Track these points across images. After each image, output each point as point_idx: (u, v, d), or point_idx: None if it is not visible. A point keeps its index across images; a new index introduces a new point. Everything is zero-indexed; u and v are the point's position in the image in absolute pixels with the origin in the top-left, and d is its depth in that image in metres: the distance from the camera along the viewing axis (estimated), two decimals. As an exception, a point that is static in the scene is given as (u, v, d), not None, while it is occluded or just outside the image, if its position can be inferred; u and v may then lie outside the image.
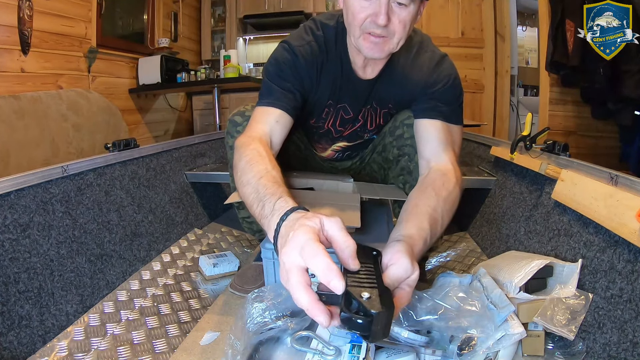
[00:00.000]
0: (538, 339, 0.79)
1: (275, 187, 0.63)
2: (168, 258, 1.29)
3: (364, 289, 0.46)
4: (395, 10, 0.74)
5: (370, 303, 0.44)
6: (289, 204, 0.57)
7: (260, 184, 0.65)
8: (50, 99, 2.08)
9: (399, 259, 0.55)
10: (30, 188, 0.96)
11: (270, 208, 0.58)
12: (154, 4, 3.19)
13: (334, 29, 0.89)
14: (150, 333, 0.90)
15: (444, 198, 0.74)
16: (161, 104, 3.35)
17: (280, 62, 0.87)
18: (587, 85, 2.10)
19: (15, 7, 1.97)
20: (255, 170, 0.69)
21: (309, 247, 0.46)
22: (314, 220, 0.50)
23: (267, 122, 0.84)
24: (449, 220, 0.75)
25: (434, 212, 0.70)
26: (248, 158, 0.73)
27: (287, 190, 0.63)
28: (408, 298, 0.55)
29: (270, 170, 0.69)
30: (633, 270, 0.72)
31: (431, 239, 0.68)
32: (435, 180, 0.78)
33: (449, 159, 0.83)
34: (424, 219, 0.68)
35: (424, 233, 0.65)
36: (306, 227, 0.49)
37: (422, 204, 0.72)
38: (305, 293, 0.45)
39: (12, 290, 0.84)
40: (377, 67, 0.89)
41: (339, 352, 0.68)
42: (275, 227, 0.54)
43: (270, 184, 0.64)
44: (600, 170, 0.89)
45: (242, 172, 0.71)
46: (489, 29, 3.36)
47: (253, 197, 0.64)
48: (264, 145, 0.78)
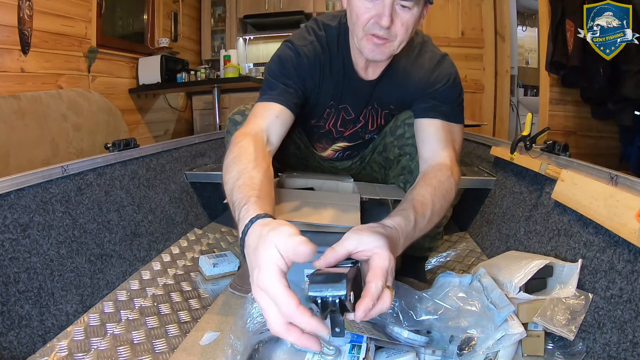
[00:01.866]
0: (538, 339, 0.79)
1: (246, 192, 0.60)
2: (168, 258, 1.29)
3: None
4: (399, 13, 0.74)
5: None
6: (249, 213, 0.54)
7: (235, 187, 0.63)
8: (50, 99, 2.08)
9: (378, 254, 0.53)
10: (30, 188, 0.96)
11: (237, 217, 0.57)
12: (154, 4, 3.19)
13: (336, 29, 0.89)
14: (150, 333, 0.90)
15: (434, 186, 0.73)
16: (161, 104, 3.35)
17: (284, 60, 0.87)
18: (587, 85, 2.10)
19: (15, 7, 1.97)
20: (236, 169, 0.67)
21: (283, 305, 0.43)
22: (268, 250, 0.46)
23: (266, 118, 0.82)
24: (442, 205, 0.73)
25: (422, 198, 0.69)
26: (233, 156, 0.71)
27: (258, 194, 0.60)
28: (389, 294, 0.51)
29: (249, 170, 0.66)
30: (633, 270, 0.72)
31: (422, 223, 0.66)
32: (429, 173, 0.78)
33: (447, 156, 0.82)
34: (408, 208, 0.66)
35: (409, 221, 0.64)
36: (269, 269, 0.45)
37: (410, 194, 0.72)
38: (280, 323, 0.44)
39: (12, 290, 0.84)
40: (378, 69, 0.89)
41: (339, 352, 0.68)
42: (240, 236, 0.53)
43: (243, 188, 0.62)
44: (600, 170, 0.89)
45: (226, 170, 0.69)
46: (489, 29, 3.36)
47: (229, 199, 0.64)
48: (256, 142, 0.75)
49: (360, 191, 0.98)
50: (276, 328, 0.44)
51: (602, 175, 0.88)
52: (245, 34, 3.98)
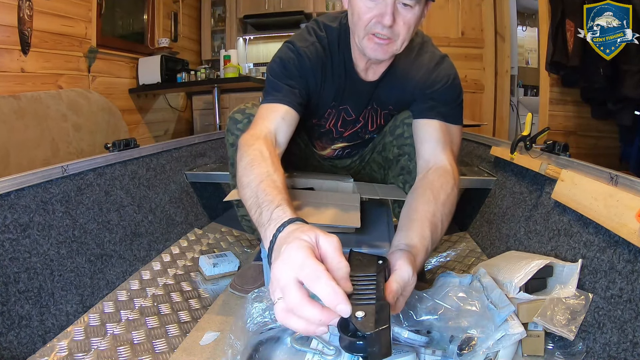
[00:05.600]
0: (538, 339, 0.79)
1: (275, 194, 0.61)
2: (168, 258, 1.29)
3: (360, 307, 0.43)
4: (401, 12, 0.74)
5: (364, 323, 0.41)
6: (286, 213, 0.55)
7: (259, 189, 0.63)
8: (50, 99, 2.08)
9: (401, 265, 0.55)
10: (30, 188, 0.96)
11: (268, 216, 0.56)
12: (154, 4, 3.19)
13: (337, 30, 0.89)
14: (150, 333, 0.90)
15: (443, 202, 0.73)
16: (161, 104, 3.35)
17: (286, 61, 0.87)
18: (587, 85, 2.10)
19: (15, 7, 1.97)
20: (257, 172, 0.67)
21: (309, 268, 0.43)
22: (309, 235, 0.47)
23: (273, 120, 0.82)
24: (447, 224, 0.74)
25: (434, 218, 0.70)
26: (250, 158, 0.70)
27: (287, 198, 0.61)
28: (401, 307, 0.55)
29: (271, 174, 0.66)
30: (633, 270, 0.72)
31: (432, 245, 0.68)
32: (434, 182, 0.77)
33: (447, 158, 0.82)
34: (425, 227, 0.67)
35: (425, 242, 0.65)
36: (300, 242, 0.46)
37: (422, 210, 0.71)
38: (312, 307, 0.42)
39: (12, 290, 0.84)
40: (379, 70, 0.89)
41: (339, 352, 0.68)
42: (271, 238, 0.53)
43: (270, 189, 0.62)
44: (600, 170, 0.89)
45: (243, 172, 0.69)
46: (489, 29, 3.36)
47: (252, 201, 0.63)
48: (268, 145, 0.75)
49: (360, 191, 0.98)
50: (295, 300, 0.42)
51: (602, 175, 0.88)
52: (245, 34, 3.98)
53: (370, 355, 0.42)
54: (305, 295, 0.42)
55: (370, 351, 0.41)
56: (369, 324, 0.41)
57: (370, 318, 0.42)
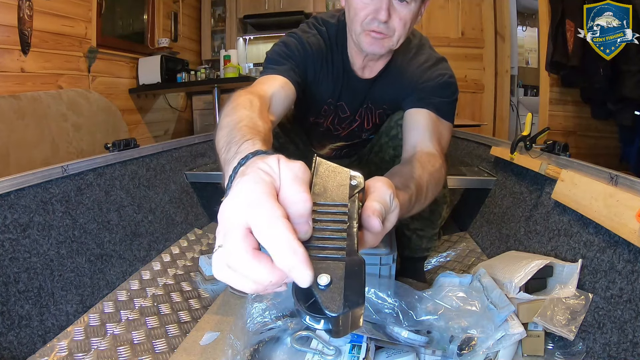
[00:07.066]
0: (538, 339, 0.79)
1: (252, 133, 0.48)
2: (168, 258, 1.29)
3: (323, 265, 0.31)
4: (397, 8, 0.75)
5: (329, 297, 0.29)
6: (256, 146, 0.43)
7: (236, 129, 0.50)
8: (50, 99, 2.08)
9: (380, 187, 0.41)
10: (30, 188, 0.96)
11: (234, 152, 0.44)
12: (154, 4, 3.19)
13: (335, 26, 0.90)
14: (150, 333, 0.90)
15: (430, 172, 0.66)
16: (161, 104, 3.35)
17: (288, 45, 0.87)
18: (587, 85, 2.10)
19: (15, 7, 1.97)
20: (238, 114, 0.56)
21: (261, 210, 0.30)
22: (269, 163, 0.34)
23: (271, 85, 0.78)
24: (432, 197, 0.66)
25: (420, 180, 0.61)
26: (235, 103, 0.60)
27: (265, 138, 0.49)
28: (379, 238, 0.40)
29: (253, 117, 0.56)
30: (633, 270, 0.72)
31: (415, 204, 0.58)
32: (422, 156, 0.71)
33: (434, 147, 0.76)
34: (409, 182, 0.58)
35: (409, 192, 0.55)
36: (257, 174, 0.33)
37: (406, 170, 0.64)
38: (258, 263, 0.29)
39: (12, 290, 0.84)
40: (375, 68, 0.90)
41: (339, 352, 0.68)
42: (230, 173, 0.39)
43: (247, 129, 0.50)
44: (600, 170, 0.89)
45: (224, 115, 0.58)
46: (489, 29, 3.36)
47: (224, 141, 0.49)
48: (261, 101, 0.66)
49: (360, 191, 0.97)
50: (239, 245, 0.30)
51: (602, 175, 0.88)
52: (245, 34, 3.98)
53: (334, 332, 0.31)
54: (250, 246, 0.30)
55: (335, 329, 0.30)
56: (336, 301, 0.29)
57: (338, 289, 0.30)
